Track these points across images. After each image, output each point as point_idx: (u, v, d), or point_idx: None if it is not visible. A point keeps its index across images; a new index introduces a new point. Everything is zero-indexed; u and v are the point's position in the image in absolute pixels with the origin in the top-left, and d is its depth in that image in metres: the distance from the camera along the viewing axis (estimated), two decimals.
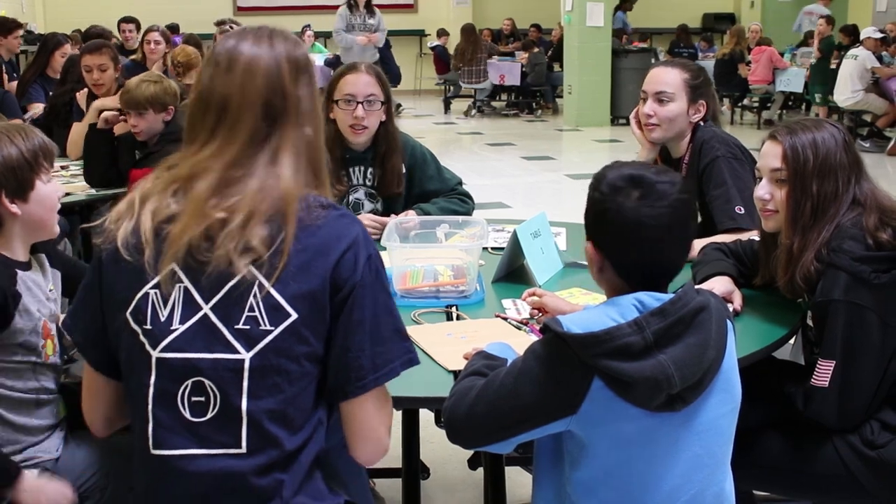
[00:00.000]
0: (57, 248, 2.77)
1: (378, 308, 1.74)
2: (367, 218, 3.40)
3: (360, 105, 3.40)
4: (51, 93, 5.70)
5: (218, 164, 1.74)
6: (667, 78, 3.26)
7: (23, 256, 2.41)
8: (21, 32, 7.89)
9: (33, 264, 2.45)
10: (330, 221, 1.73)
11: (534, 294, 2.52)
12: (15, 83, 7.01)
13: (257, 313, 1.68)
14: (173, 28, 15.17)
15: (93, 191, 4.47)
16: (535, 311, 2.50)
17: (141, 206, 1.74)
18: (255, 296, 1.68)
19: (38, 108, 6.12)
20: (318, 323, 1.70)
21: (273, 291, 1.67)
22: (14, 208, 2.33)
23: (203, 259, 1.69)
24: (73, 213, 4.55)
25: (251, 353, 1.68)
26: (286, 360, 1.69)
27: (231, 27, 7.75)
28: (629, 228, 1.83)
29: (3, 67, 7.63)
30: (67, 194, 4.10)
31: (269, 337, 1.68)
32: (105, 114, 4.44)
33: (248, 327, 1.68)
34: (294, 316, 1.68)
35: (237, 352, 1.68)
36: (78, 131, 5.16)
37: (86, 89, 5.48)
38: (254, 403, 1.69)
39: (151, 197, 1.75)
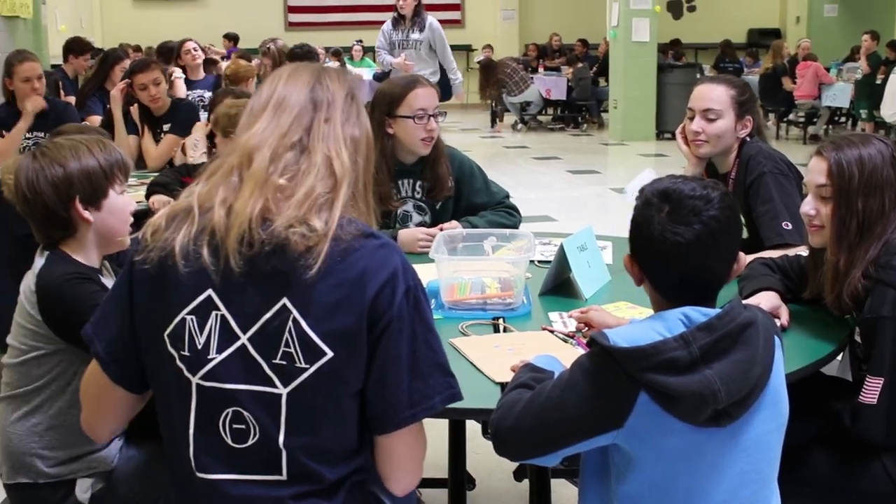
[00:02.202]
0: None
1: (417, 342, 1.70)
2: (420, 230, 3.43)
3: (432, 118, 3.44)
4: (108, 105, 5.82)
5: (272, 137, 1.73)
6: (714, 95, 3.25)
7: (96, 263, 2.47)
8: (90, 55, 8.04)
9: (103, 270, 2.50)
10: (367, 253, 1.68)
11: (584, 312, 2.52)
12: (72, 97, 7.14)
13: (293, 349, 1.65)
14: (233, 37, 15.39)
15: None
16: (582, 326, 2.51)
17: (202, 208, 1.70)
18: (290, 331, 1.65)
19: (95, 121, 6.23)
20: (356, 360, 1.67)
21: (307, 329, 1.65)
22: (87, 214, 2.39)
23: (258, 239, 1.64)
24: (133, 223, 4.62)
25: (288, 389, 1.67)
26: (323, 399, 1.68)
27: (270, 47, 7.81)
28: (656, 243, 1.84)
29: (63, 83, 7.78)
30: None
31: (305, 375, 1.66)
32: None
33: (284, 363, 1.66)
34: (329, 354, 1.65)
35: (275, 386, 1.67)
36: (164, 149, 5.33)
37: (136, 104, 5.57)
38: (291, 439, 1.68)
39: (216, 194, 1.71)
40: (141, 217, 4.05)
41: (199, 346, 1.69)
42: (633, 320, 2.27)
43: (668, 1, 19.48)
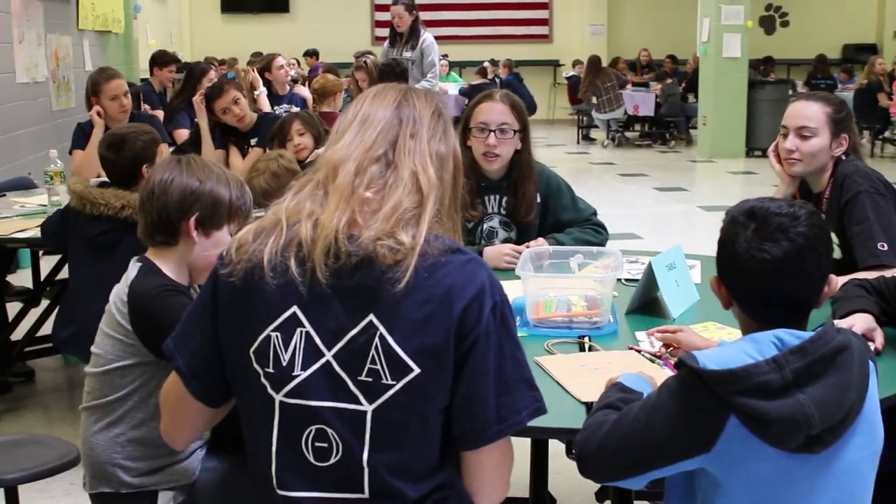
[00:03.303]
0: None
1: (504, 358, 1.69)
2: (507, 246, 3.43)
3: (492, 133, 3.43)
4: (195, 119, 5.90)
5: (357, 150, 1.74)
6: (809, 112, 3.17)
7: (185, 281, 2.50)
8: (175, 67, 8.21)
9: (190, 289, 2.54)
10: (454, 269, 1.68)
11: (667, 330, 2.50)
12: (159, 111, 7.29)
13: (379, 366, 1.65)
14: (314, 53, 15.59)
15: None
16: (668, 346, 2.47)
17: (290, 222, 1.71)
18: (376, 348, 1.64)
19: (183, 134, 6.34)
20: (442, 377, 1.67)
21: (394, 345, 1.64)
22: (195, 235, 2.43)
23: (344, 251, 1.65)
24: None
25: (373, 406, 1.66)
26: (408, 416, 1.67)
27: (366, 61, 7.88)
28: (742, 262, 1.82)
29: (149, 96, 7.95)
30: None
31: (391, 391, 1.65)
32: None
33: (370, 380, 1.66)
34: (416, 371, 1.65)
35: (360, 403, 1.66)
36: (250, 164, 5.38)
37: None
38: (375, 457, 1.67)
39: (303, 208, 1.72)
40: None
41: (284, 363, 1.69)
42: (722, 342, 2.24)
43: (761, 16, 19.25)
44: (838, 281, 1.94)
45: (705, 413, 1.75)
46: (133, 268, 2.45)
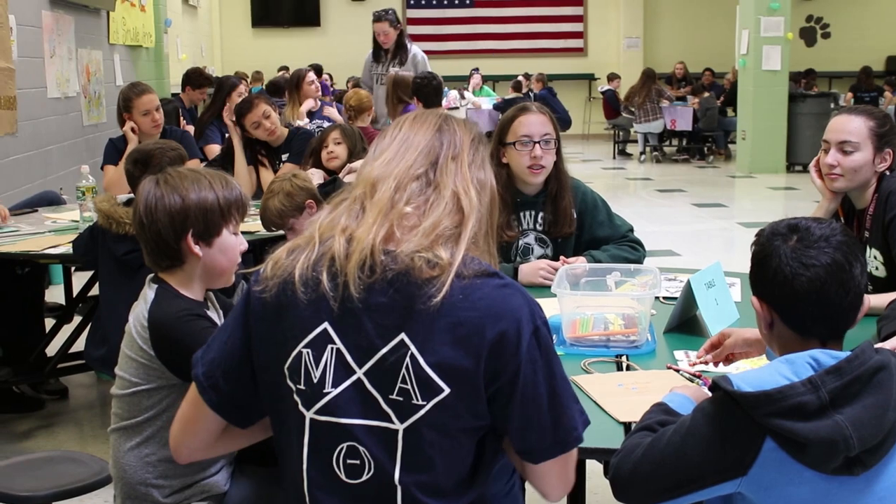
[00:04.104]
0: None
1: (555, 379, 1.70)
2: (543, 262, 3.40)
3: (536, 145, 3.41)
4: (227, 134, 5.89)
5: (397, 168, 1.76)
6: (851, 127, 3.09)
7: (201, 296, 2.49)
8: (209, 91, 8.23)
9: (208, 303, 2.51)
10: (489, 293, 1.67)
11: (711, 346, 2.43)
12: (190, 126, 7.30)
13: (409, 386, 1.65)
14: (316, 69, 15.63)
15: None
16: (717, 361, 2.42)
17: (323, 237, 1.73)
18: (407, 367, 1.64)
19: (214, 150, 6.33)
20: (471, 399, 1.66)
21: (425, 365, 1.64)
22: (197, 249, 2.41)
23: (380, 264, 1.66)
24: (249, 251, 4.63)
25: (404, 425, 1.66)
26: (439, 435, 1.66)
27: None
28: (788, 270, 1.80)
29: (180, 112, 7.98)
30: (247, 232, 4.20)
31: (422, 411, 1.65)
32: None
33: (401, 399, 1.65)
34: (446, 391, 1.64)
35: (391, 421, 1.66)
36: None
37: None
38: (407, 475, 1.67)
39: (337, 223, 1.73)
40: (254, 251, 4.09)
41: (315, 380, 1.69)
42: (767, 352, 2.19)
43: (801, 27, 19.10)
44: (869, 301, 1.89)
45: (740, 436, 1.72)
46: (150, 290, 2.43)
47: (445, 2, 19.57)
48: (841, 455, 1.67)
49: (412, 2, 19.54)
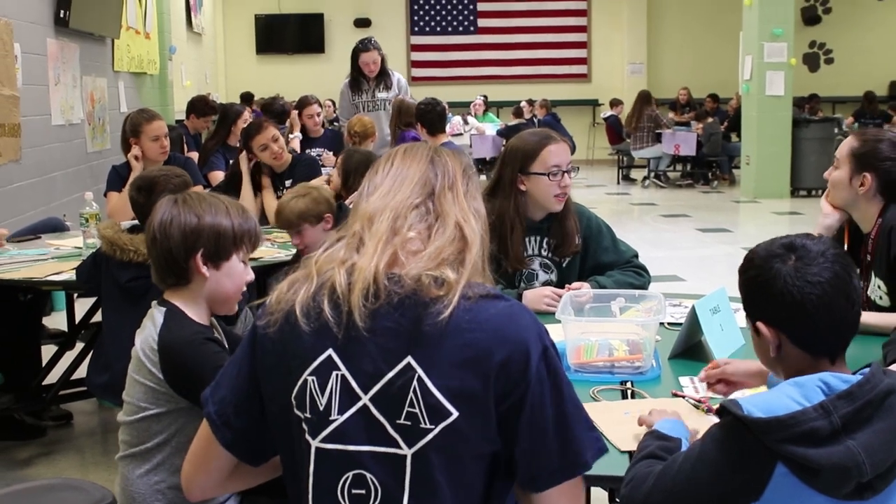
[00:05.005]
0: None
1: (564, 402, 1.67)
2: (547, 289, 3.38)
3: (566, 174, 3.43)
4: (231, 161, 5.90)
5: (394, 201, 1.76)
6: (842, 145, 3.20)
7: (206, 320, 2.49)
8: (213, 118, 8.25)
9: (213, 330, 2.51)
10: (496, 315, 1.67)
11: (712, 368, 2.44)
12: (194, 153, 7.31)
13: (417, 410, 1.63)
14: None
15: (278, 254, 4.56)
16: (718, 386, 2.41)
17: (321, 270, 1.73)
18: (414, 391, 1.63)
19: (218, 176, 6.34)
20: (481, 422, 1.64)
21: (432, 388, 1.62)
22: (205, 270, 2.42)
23: (385, 289, 1.65)
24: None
25: (412, 451, 1.64)
26: (448, 460, 1.64)
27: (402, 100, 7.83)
28: (796, 291, 1.80)
29: (184, 139, 8.01)
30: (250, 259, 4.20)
31: (430, 435, 1.63)
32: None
33: (409, 423, 1.64)
34: (455, 415, 1.62)
35: (399, 447, 1.64)
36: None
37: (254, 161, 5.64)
38: (416, 501, 1.65)
39: (335, 258, 1.74)
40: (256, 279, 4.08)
41: (321, 408, 1.68)
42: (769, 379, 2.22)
43: (805, 53, 19.15)
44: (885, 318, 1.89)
45: (752, 461, 1.71)
46: (158, 313, 2.43)
47: (450, 28, 19.66)
48: (853, 480, 1.67)
49: (416, 28, 19.63)
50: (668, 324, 3.12)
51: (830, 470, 1.65)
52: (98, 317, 4.79)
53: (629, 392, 2.53)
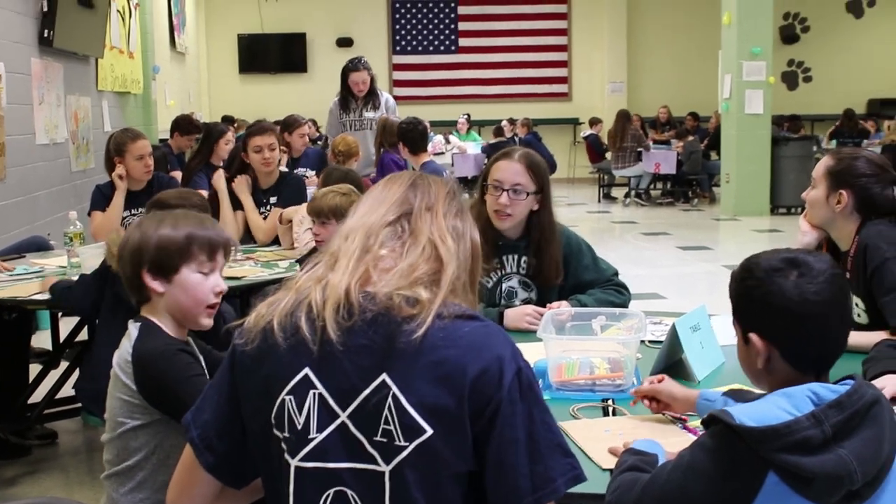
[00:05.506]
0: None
1: (534, 424, 1.66)
2: (529, 308, 3.40)
3: (505, 193, 3.42)
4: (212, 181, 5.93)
5: (368, 220, 1.78)
6: (818, 165, 3.23)
7: (180, 336, 2.50)
8: (197, 137, 8.27)
9: (190, 343, 2.53)
10: (471, 332, 1.67)
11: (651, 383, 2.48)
12: (177, 172, 7.33)
13: (392, 427, 1.63)
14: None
15: (261, 274, 4.58)
16: (646, 401, 2.45)
17: (299, 290, 1.74)
18: (389, 408, 1.63)
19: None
20: (456, 440, 1.63)
21: (407, 405, 1.62)
22: (156, 286, 2.43)
23: (358, 307, 1.66)
24: (236, 297, 4.63)
25: (390, 467, 1.64)
26: (424, 478, 1.63)
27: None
28: (796, 306, 1.80)
29: (168, 157, 8.03)
30: (232, 278, 4.21)
31: (405, 452, 1.63)
32: None
33: (385, 440, 1.64)
34: (429, 432, 1.62)
35: (377, 463, 1.64)
36: (272, 223, 5.42)
37: (243, 177, 5.65)
38: None
39: (313, 277, 1.74)
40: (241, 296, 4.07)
41: (299, 427, 1.68)
42: (703, 393, 2.29)
43: (783, 71, 19.30)
44: (869, 337, 1.92)
45: (743, 470, 1.72)
46: (133, 328, 2.46)
47: (431, 48, 19.72)
48: (844, 489, 1.69)
49: (398, 48, 19.69)
50: (649, 342, 3.13)
51: (823, 478, 1.67)
52: (83, 335, 4.81)
53: (611, 410, 2.54)
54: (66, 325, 5.12)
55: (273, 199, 5.60)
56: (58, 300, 4.03)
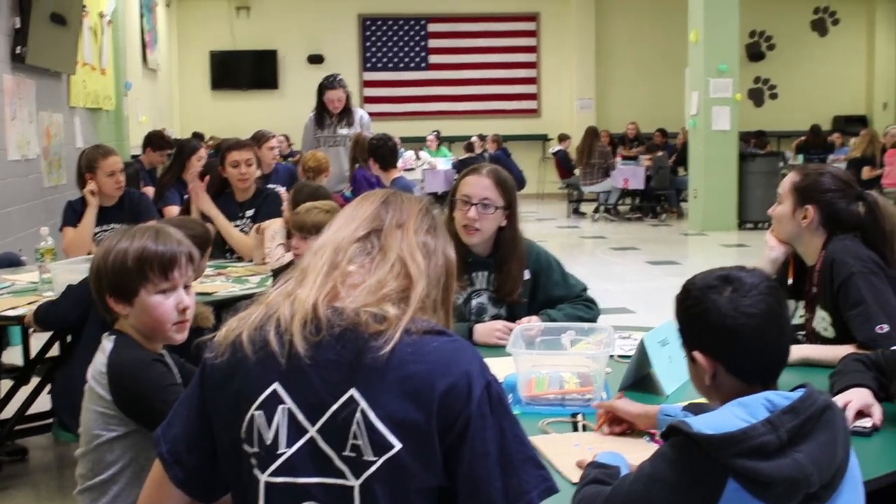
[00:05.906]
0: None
1: (505, 438, 1.66)
2: (498, 323, 3.43)
3: (473, 207, 3.45)
4: (186, 196, 5.93)
5: (338, 236, 1.79)
6: (784, 181, 3.28)
7: (152, 348, 2.51)
8: (169, 152, 8.26)
9: (165, 356, 2.55)
10: (439, 348, 1.67)
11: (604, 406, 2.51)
12: (150, 188, 7.33)
13: (361, 442, 1.63)
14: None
15: (233, 289, 4.59)
16: (607, 427, 2.47)
17: (270, 306, 1.74)
18: (358, 423, 1.63)
19: (174, 211, 6.37)
20: (425, 455, 1.63)
21: (375, 420, 1.62)
22: (121, 309, 2.46)
23: (326, 322, 1.67)
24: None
25: (359, 482, 1.64)
26: (392, 492, 1.63)
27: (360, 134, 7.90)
28: (731, 321, 1.87)
29: (140, 173, 8.00)
30: (204, 293, 4.22)
31: (374, 467, 1.63)
32: None
33: (353, 455, 1.64)
34: (398, 447, 1.62)
35: (346, 478, 1.64)
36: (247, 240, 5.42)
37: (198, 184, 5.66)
38: None
39: (283, 293, 1.75)
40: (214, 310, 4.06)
41: (269, 442, 1.68)
42: (664, 408, 2.33)
43: (749, 88, 19.49)
44: (836, 350, 1.97)
45: (704, 478, 1.75)
46: (108, 341, 2.47)
47: (401, 65, 19.75)
48: (802, 492, 1.73)
49: (368, 65, 19.70)
50: (618, 356, 3.14)
51: (780, 482, 1.70)
52: (54, 351, 4.79)
53: (580, 425, 2.55)
54: (38, 340, 5.10)
55: (249, 213, 5.63)
56: (45, 320, 3.98)
